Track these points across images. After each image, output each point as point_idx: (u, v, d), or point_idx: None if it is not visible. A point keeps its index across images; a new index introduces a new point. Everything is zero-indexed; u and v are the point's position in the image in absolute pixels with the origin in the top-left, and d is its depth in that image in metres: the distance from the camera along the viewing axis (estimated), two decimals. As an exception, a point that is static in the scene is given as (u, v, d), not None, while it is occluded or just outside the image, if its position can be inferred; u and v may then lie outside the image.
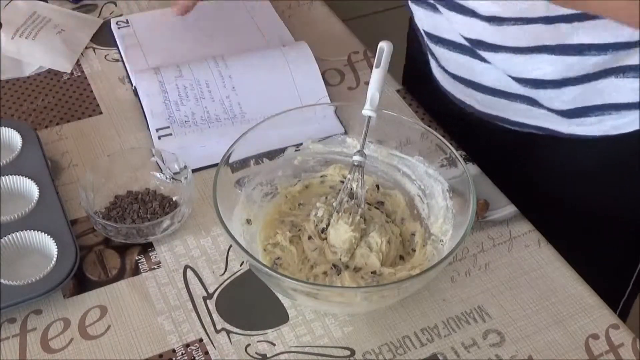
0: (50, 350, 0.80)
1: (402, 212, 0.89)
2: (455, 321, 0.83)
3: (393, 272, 0.82)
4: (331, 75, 1.13)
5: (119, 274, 0.87)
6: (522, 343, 0.81)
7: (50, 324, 0.82)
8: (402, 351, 0.80)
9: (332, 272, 0.82)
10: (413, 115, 1.05)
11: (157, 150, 0.95)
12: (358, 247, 0.83)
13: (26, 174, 0.92)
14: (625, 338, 0.81)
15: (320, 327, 0.82)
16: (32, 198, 0.90)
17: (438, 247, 0.84)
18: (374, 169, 0.91)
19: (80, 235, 0.90)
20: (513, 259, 0.88)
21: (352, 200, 0.84)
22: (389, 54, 0.86)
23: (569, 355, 0.80)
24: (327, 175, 0.92)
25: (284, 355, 0.80)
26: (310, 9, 1.25)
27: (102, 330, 0.82)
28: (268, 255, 0.84)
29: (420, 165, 0.89)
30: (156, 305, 0.84)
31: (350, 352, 0.80)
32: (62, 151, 1.01)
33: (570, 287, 0.86)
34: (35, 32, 1.16)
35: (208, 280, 0.86)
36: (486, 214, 0.92)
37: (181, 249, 0.90)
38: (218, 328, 0.82)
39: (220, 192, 0.80)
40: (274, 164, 0.91)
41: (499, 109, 0.99)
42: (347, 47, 1.18)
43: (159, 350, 0.80)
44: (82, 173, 0.97)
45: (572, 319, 0.83)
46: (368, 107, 0.84)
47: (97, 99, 1.09)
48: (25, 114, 1.06)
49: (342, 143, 0.92)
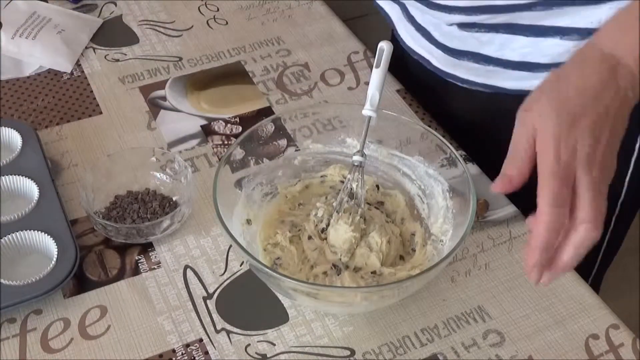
0: (50, 350, 0.80)
1: (402, 212, 0.89)
2: (455, 321, 0.83)
3: (393, 272, 0.82)
4: (331, 75, 1.13)
5: (119, 274, 0.87)
6: (522, 343, 0.81)
7: (50, 324, 0.82)
8: (402, 351, 0.80)
9: (332, 272, 0.82)
10: (413, 115, 1.05)
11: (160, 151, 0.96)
12: (358, 247, 0.83)
13: (26, 174, 0.92)
14: (625, 338, 0.81)
15: (320, 327, 0.82)
16: (32, 198, 0.90)
17: (438, 247, 0.84)
18: (374, 169, 0.91)
19: (80, 235, 0.90)
20: (513, 259, 0.88)
21: (352, 200, 0.84)
22: (389, 54, 0.86)
23: (569, 355, 0.80)
24: (327, 175, 0.92)
25: (284, 355, 0.80)
26: (310, 9, 1.26)
27: (102, 330, 0.82)
28: (268, 255, 0.84)
29: (420, 165, 0.89)
30: (156, 305, 0.84)
31: (350, 352, 0.80)
32: (62, 151, 1.01)
33: (570, 287, 0.86)
34: (35, 32, 1.16)
35: (208, 280, 0.86)
36: (486, 214, 0.92)
37: (181, 249, 0.90)
38: (218, 328, 0.82)
39: (220, 192, 0.80)
40: (274, 164, 0.91)
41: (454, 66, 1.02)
42: (347, 47, 1.18)
43: (159, 350, 0.80)
44: (82, 173, 0.97)
45: (572, 319, 0.83)
46: (368, 107, 0.84)
47: (97, 99, 1.09)
48: (25, 114, 1.06)
49: (342, 143, 0.92)
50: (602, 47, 0.73)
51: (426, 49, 1.04)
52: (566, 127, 0.68)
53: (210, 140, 1.03)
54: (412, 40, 1.06)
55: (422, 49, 1.05)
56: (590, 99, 0.70)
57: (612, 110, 0.70)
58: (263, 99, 1.09)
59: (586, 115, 0.69)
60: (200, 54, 1.16)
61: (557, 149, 0.67)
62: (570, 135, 0.68)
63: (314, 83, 1.12)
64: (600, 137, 0.69)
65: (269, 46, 1.18)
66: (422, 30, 1.03)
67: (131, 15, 1.23)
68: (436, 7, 0.94)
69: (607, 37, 0.74)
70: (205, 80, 1.12)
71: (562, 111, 0.69)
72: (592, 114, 0.70)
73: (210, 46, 1.18)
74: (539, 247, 0.67)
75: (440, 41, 1.00)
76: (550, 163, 0.67)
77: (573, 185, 0.68)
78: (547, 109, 0.70)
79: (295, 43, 1.19)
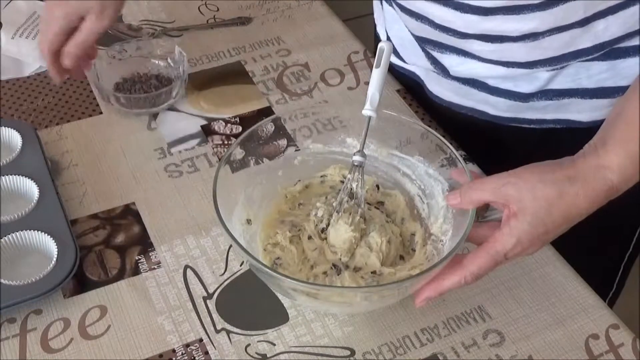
0: (50, 350, 0.80)
1: (402, 212, 0.89)
2: (455, 321, 0.83)
3: (393, 272, 0.82)
4: (331, 75, 1.13)
5: (119, 274, 0.87)
6: (522, 343, 0.81)
7: (50, 324, 0.82)
8: (402, 351, 0.80)
9: (332, 272, 0.82)
10: (413, 115, 1.05)
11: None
12: (358, 247, 0.83)
13: (26, 174, 0.92)
14: (625, 338, 0.81)
15: (320, 327, 0.82)
16: (32, 198, 0.90)
17: (438, 246, 0.84)
18: (374, 169, 0.91)
19: (80, 235, 0.90)
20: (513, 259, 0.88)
21: (352, 200, 0.84)
22: (389, 54, 0.86)
23: (569, 355, 0.80)
24: (327, 175, 0.92)
25: (284, 355, 0.80)
26: (310, 9, 1.26)
27: (102, 330, 0.82)
28: (268, 255, 0.84)
29: (420, 165, 0.89)
30: (156, 305, 0.84)
31: (350, 352, 0.80)
32: (62, 151, 1.01)
33: (570, 287, 0.86)
34: (35, 32, 1.16)
35: (208, 280, 0.86)
36: (486, 214, 0.92)
37: (181, 249, 0.90)
38: (218, 328, 0.82)
39: (221, 192, 0.80)
40: (274, 164, 0.91)
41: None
42: (347, 47, 1.18)
43: (159, 350, 0.80)
44: (82, 173, 0.97)
45: (572, 319, 0.83)
46: (368, 107, 0.84)
47: (97, 99, 1.09)
48: (25, 114, 1.06)
49: (342, 143, 0.92)
50: (612, 177, 0.73)
51: (478, 99, 1.00)
52: (531, 239, 0.73)
53: (210, 140, 1.03)
54: (456, 95, 1.02)
55: (471, 100, 1.01)
56: (570, 224, 0.74)
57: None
58: (263, 99, 1.09)
59: (555, 233, 0.75)
60: (200, 54, 1.16)
61: (511, 249, 0.73)
62: (531, 245, 0.74)
63: (314, 83, 1.12)
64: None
65: (269, 46, 1.18)
66: (472, 82, 0.99)
67: (131, 15, 1.23)
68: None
69: (615, 166, 0.74)
70: (205, 80, 1.13)
71: (540, 226, 0.73)
72: (560, 233, 0.75)
73: (210, 46, 1.18)
74: (439, 293, 0.75)
75: (504, 88, 0.97)
76: (499, 253, 0.73)
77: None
78: (530, 210, 0.73)
79: (295, 43, 1.19)
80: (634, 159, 0.73)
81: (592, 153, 0.74)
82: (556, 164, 0.75)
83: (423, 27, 0.93)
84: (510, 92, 0.96)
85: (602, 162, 0.73)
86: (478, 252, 0.74)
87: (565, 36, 0.86)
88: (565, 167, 0.74)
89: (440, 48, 0.96)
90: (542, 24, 0.84)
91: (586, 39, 0.87)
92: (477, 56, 0.93)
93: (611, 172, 0.73)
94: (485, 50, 0.91)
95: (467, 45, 0.91)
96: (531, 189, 0.73)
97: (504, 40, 0.88)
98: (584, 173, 0.73)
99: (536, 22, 0.84)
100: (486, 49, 0.90)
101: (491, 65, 0.93)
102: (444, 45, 0.95)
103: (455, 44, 0.93)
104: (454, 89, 1.01)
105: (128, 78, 1.09)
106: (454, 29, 0.89)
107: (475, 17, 0.85)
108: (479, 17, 0.85)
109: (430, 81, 1.05)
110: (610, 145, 0.74)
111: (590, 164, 0.74)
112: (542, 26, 0.85)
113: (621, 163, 0.73)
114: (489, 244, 0.74)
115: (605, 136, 0.75)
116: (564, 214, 0.73)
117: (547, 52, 0.89)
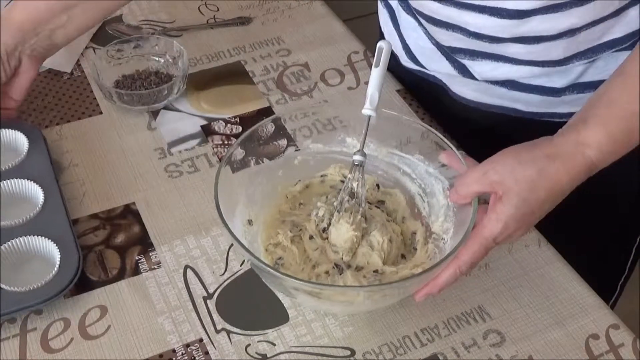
0: (50, 351, 0.80)
1: (402, 211, 0.89)
2: (455, 321, 0.83)
3: (395, 271, 0.82)
4: (331, 75, 1.13)
5: (119, 274, 0.87)
6: (522, 343, 0.81)
7: (51, 324, 0.82)
8: (402, 351, 0.80)
9: (334, 271, 0.82)
10: (413, 115, 1.05)
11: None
12: (359, 246, 0.83)
13: (32, 178, 0.92)
14: (625, 338, 0.81)
15: (321, 327, 0.82)
16: (37, 202, 0.90)
17: (440, 245, 0.84)
18: (374, 168, 0.91)
19: (80, 235, 0.90)
20: (513, 259, 0.88)
21: (352, 200, 0.84)
22: (388, 53, 0.86)
23: (569, 355, 0.80)
24: (327, 174, 0.92)
25: (284, 355, 0.80)
26: (310, 9, 1.25)
27: (102, 330, 0.82)
28: (270, 255, 0.84)
29: (421, 164, 0.89)
30: (156, 305, 0.84)
31: (350, 352, 0.80)
32: (63, 151, 1.01)
33: (570, 287, 0.86)
34: (35, 32, 1.16)
35: (208, 280, 0.86)
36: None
37: (181, 249, 0.89)
38: (218, 328, 0.82)
39: (222, 192, 0.80)
40: (274, 164, 0.91)
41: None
42: (347, 47, 1.18)
43: (159, 350, 0.80)
44: (82, 173, 0.97)
45: (572, 319, 0.83)
46: (368, 106, 0.84)
47: (97, 99, 1.09)
48: (26, 114, 1.06)
49: (342, 143, 0.92)
50: (590, 154, 0.75)
51: (509, 97, 0.99)
52: (517, 221, 0.75)
53: (210, 140, 1.03)
54: (485, 95, 1.01)
55: (501, 99, 1.00)
56: (554, 202, 0.76)
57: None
58: (263, 99, 1.09)
59: (541, 213, 0.76)
60: (200, 54, 1.16)
61: (499, 234, 0.75)
62: (518, 227, 0.75)
63: (314, 83, 1.12)
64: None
65: (269, 46, 1.18)
66: (502, 82, 0.98)
67: (131, 15, 1.23)
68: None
69: (594, 143, 0.75)
70: (205, 80, 1.12)
71: (525, 207, 0.74)
72: (545, 212, 0.76)
73: (210, 46, 1.18)
74: (440, 288, 0.76)
75: (536, 84, 0.96)
76: (488, 239, 0.75)
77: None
78: (514, 192, 0.74)
79: (295, 43, 1.19)
80: (614, 138, 0.75)
81: (572, 131, 0.76)
82: (533, 144, 0.77)
83: (455, 36, 0.92)
84: (543, 88, 0.96)
85: (581, 140, 0.75)
86: (468, 241, 0.75)
87: (601, 28, 0.87)
88: (544, 146, 0.76)
89: (472, 56, 0.95)
90: (580, 20, 0.84)
91: (617, 30, 0.88)
92: (511, 59, 0.92)
93: (590, 149, 0.75)
94: (520, 52, 0.90)
95: (501, 49, 0.91)
96: (511, 171, 0.75)
97: (541, 41, 0.88)
98: (564, 150, 0.75)
99: (574, 18, 0.84)
100: (522, 51, 0.90)
101: (526, 67, 0.93)
102: (477, 53, 0.94)
103: (489, 49, 0.92)
104: (481, 89, 1.00)
105: (128, 75, 1.09)
106: (490, 35, 0.89)
107: (511, 21, 0.85)
108: (516, 21, 0.85)
109: (453, 83, 1.04)
110: (591, 124, 0.75)
111: (570, 141, 0.75)
112: (580, 22, 0.85)
113: (601, 140, 0.75)
114: (477, 230, 0.75)
115: (586, 115, 0.77)
116: (547, 192, 0.74)
117: (582, 45, 0.89)
